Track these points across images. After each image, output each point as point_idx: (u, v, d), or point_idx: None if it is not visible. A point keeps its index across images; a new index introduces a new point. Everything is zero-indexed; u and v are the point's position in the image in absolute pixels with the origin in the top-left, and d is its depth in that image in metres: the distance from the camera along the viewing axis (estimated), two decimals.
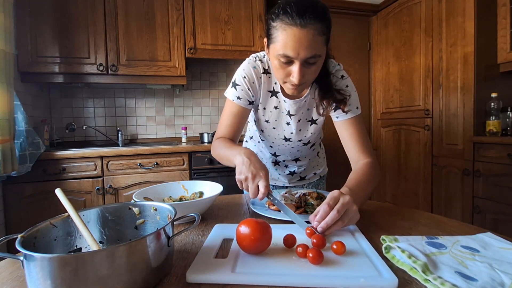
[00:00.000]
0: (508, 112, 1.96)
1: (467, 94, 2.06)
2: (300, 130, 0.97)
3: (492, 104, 1.95)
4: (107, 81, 2.13)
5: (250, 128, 1.13)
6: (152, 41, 2.17)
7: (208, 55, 2.30)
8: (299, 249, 0.50)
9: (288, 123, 0.95)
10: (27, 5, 1.91)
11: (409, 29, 2.59)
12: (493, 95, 1.95)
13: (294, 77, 0.71)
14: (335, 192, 0.61)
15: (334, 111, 0.86)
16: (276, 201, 0.67)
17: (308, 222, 0.63)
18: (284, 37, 0.67)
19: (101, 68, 2.07)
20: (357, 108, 0.86)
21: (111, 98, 2.48)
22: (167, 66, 2.21)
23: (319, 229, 0.57)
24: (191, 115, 2.69)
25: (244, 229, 0.51)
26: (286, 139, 1.00)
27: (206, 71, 2.70)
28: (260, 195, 0.66)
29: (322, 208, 0.58)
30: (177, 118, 2.65)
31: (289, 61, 0.70)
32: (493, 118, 1.95)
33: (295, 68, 0.70)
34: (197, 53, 2.27)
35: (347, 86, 0.86)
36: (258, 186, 0.67)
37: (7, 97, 1.50)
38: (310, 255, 0.48)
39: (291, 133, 0.97)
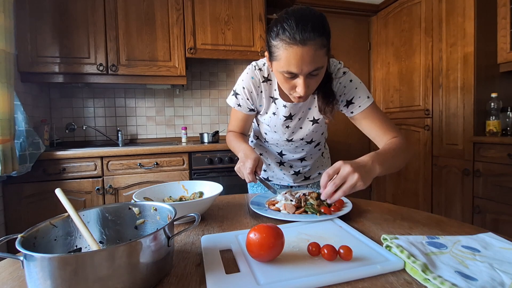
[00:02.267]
0: (508, 112, 1.96)
1: (467, 94, 2.06)
2: (301, 128, 0.99)
3: (492, 104, 1.95)
4: (107, 81, 2.13)
5: (255, 129, 1.14)
6: (152, 41, 2.17)
7: (208, 55, 2.30)
8: (310, 248, 0.50)
9: (287, 126, 0.98)
10: (27, 5, 1.91)
11: (409, 29, 2.59)
12: (493, 95, 1.95)
13: (300, 90, 0.74)
14: (336, 164, 0.66)
15: (347, 107, 0.89)
16: (261, 179, 0.83)
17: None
18: (287, 56, 0.69)
19: (101, 68, 2.07)
20: (368, 97, 0.87)
21: (111, 98, 2.47)
22: (167, 66, 2.21)
23: (322, 197, 0.66)
24: (191, 115, 2.69)
25: (257, 236, 0.47)
26: (288, 140, 1.02)
27: (206, 71, 2.69)
28: (246, 178, 0.81)
29: (322, 178, 0.66)
30: (177, 118, 2.65)
31: (293, 76, 0.73)
32: (493, 118, 1.95)
33: (299, 82, 0.73)
34: (197, 53, 2.26)
35: (351, 81, 0.87)
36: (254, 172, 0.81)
37: (7, 97, 1.50)
38: (325, 251, 0.48)
39: (292, 132, 1.00)
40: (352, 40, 3.03)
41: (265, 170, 1.17)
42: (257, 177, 0.81)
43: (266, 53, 0.79)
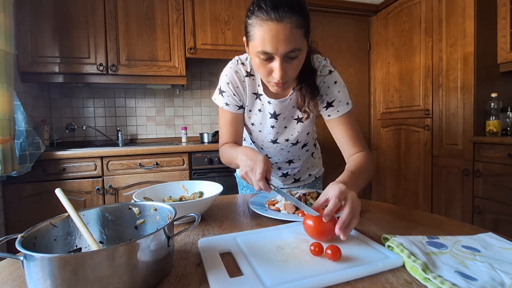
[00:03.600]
0: (508, 112, 1.96)
1: (467, 94, 2.06)
2: (285, 127, 0.95)
3: (492, 104, 1.95)
4: (107, 81, 2.13)
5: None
6: (152, 41, 2.17)
7: (208, 55, 2.30)
8: (312, 248, 0.50)
9: (272, 126, 0.93)
10: (27, 5, 1.91)
11: (409, 29, 2.59)
12: (493, 95, 1.95)
13: (276, 74, 0.69)
14: (333, 195, 0.58)
15: (326, 109, 0.85)
16: (276, 189, 0.66)
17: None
18: (261, 33, 0.66)
19: (101, 68, 2.07)
20: (347, 103, 0.84)
21: (111, 98, 2.47)
22: (167, 66, 2.21)
23: (339, 233, 0.54)
24: (191, 115, 2.69)
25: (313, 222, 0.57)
26: (273, 142, 0.98)
27: (206, 71, 2.70)
28: (255, 186, 0.66)
29: (343, 214, 0.56)
30: (177, 118, 2.65)
31: (269, 58, 0.69)
32: (493, 118, 1.95)
33: (276, 65, 0.68)
34: (197, 53, 2.27)
35: (335, 82, 0.84)
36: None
37: (7, 97, 1.50)
38: (329, 252, 0.48)
39: (277, 133, 0.95)
40: (352, 40, 3.03)
41: None
42: (271, 186, 0.66)
43: (244, 38, 0.75)
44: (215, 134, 2.34)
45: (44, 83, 2.12)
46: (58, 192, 0.50)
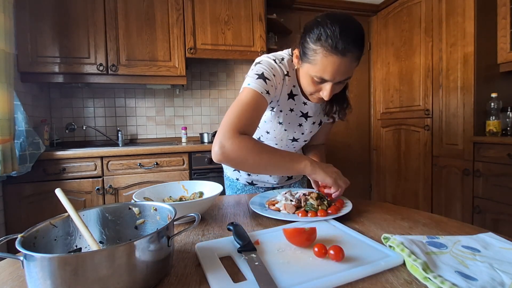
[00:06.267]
0: (508, 112, 1.96)
1: (467, 94, 2.06)
2: (311, 132, 1.00)
3: (492, 104, 1.95)
4: (107, 81, 2.13)
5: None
6: (152, 41, 2.17)
7: (208, 55, 2.30)
8: (316, 249, 0.50)
9: (300, 125, 0.97)
10: (27, 5, 1.91)
11: (409, 29, 2.59)
12: (493, 95, 1.95)
13: (325, 95, 0.76)
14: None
15: (339, 116, 0.96)
16: None
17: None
18: (324, 63, 0.70)
19: (101, 68, 2.07)
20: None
21: (111, 98, 2.47)
22: (167, 66, 2.21)
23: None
24: (191, 115, 2.69)
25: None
26: (294, 140, 1.01)
27: (206, 71, 2.69)
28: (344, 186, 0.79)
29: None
30: (177, 118, 2.65)
31: (322, 81, 0.75)
32: (493, 118, 1.95)
33: (327, 87, 0.75)
34: (197, 53, 2.26)
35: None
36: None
37: (7, 97, 1.50)
38: (332, 252, 0.48)
39: (302, 133, 0.99)
40: None
41: (249, 175, 1.11)
42: None
43: (296, 51, 0.79)
44: (215, 134, 2.33)
45: (44, 83, 2.12)
46: (58, 192, 0.50)
